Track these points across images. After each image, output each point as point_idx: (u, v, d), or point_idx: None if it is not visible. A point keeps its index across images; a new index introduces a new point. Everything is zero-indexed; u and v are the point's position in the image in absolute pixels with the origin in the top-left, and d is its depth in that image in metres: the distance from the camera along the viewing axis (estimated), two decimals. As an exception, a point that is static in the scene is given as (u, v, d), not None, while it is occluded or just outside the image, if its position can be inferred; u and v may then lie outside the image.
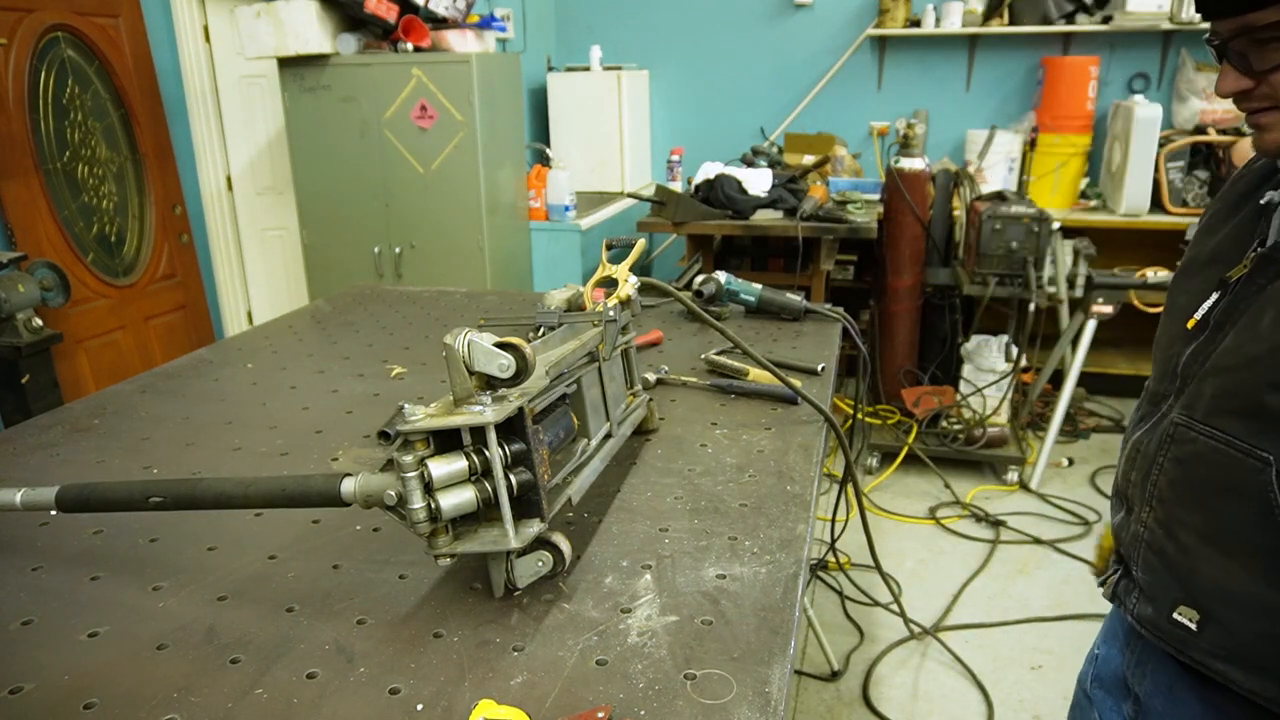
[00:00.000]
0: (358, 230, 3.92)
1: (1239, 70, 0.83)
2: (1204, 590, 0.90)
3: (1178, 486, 0.92)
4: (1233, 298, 0.90)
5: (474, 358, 0.94)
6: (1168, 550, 0.94)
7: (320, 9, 3.54)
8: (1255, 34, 0.79)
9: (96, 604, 1.05)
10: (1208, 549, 0.88)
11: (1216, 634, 0.89)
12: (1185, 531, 0.91)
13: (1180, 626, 0.92)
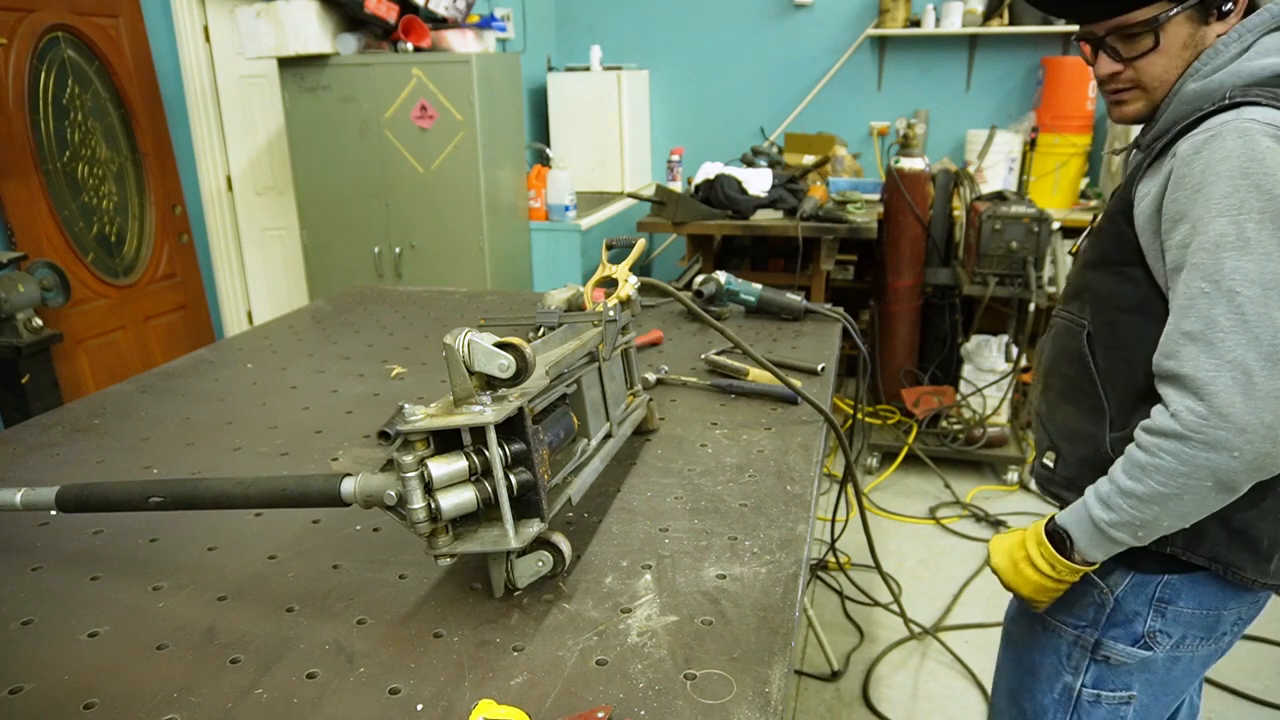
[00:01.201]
0: (358, 230, 3.92)
1: (1112, 59, 1.05)
2: (1057, 433, 1.19)
3: (1048, 361, 1.20)
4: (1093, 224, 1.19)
5: (474, 358, 0.94)
6: (1043, 411, 1.23)
7: (320, 9, 3.54)
8: (1126, 30, 1.01)
9: (96, 604, 1.05)
10: (1060, 401, 1.17)
11: (1063, 467, 1.18)
12: (1050, 393, 1.20)
13: (1046, 468, 1.21)
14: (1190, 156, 0.92)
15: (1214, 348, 0.86)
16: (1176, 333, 0.90)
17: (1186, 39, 1.01)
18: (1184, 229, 0.92)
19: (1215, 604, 1.10)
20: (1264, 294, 0.85)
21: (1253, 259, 0.86)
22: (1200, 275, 0.88)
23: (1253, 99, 0.92)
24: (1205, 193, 0.89)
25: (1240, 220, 0.86)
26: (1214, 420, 0.86)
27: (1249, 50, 0.99)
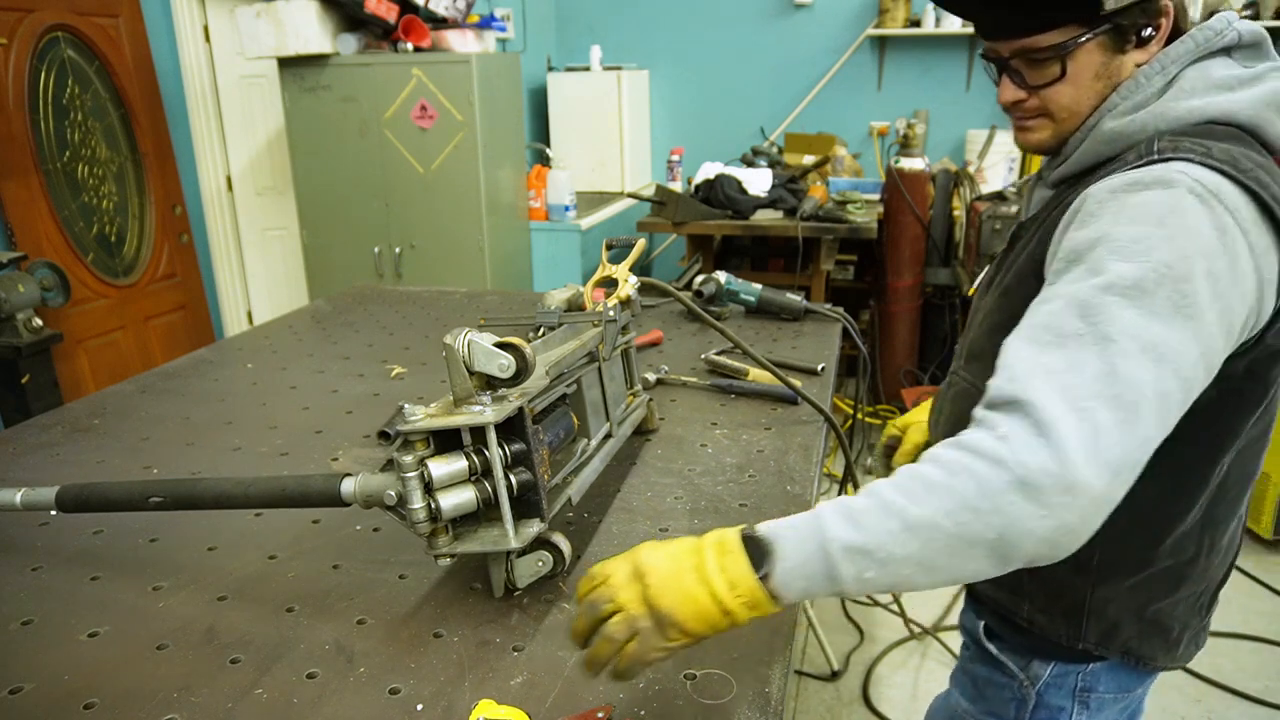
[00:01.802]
0: (358, 230, 3.92)
1: (1016, 84, 0.94)
2: None
3: (947, 426, 1.07)
4: (996, 268, 1.05)
5: (474, 358, 0.94)
6: None
7: (320, 9, 3.54)
8: (1031, 54, 0.91)
9: (96, 604, 1.05)
10: None
11: None
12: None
13: None
14: (1104, 197, 0.81)
15: (1071, 392, 0.69)
16: (1034, 363, 0.72)
17: (1099, 68, 0.90)
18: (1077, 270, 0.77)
19: (1130, 685, 1.03)
20: (1141, 353, 0.70)
21: (1141, 314, 0.71)
22: (1078, 312, 0.73)
23: (1184, 154, 0.81)
24: (1112, 235, 0.76)
25: (1142, 268, 0.73)
26: (1047, 462, 0.66)
27: (1172, 85, 0.89)
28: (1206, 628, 1.05)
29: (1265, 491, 2.98)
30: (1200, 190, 0.77)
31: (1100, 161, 0.91)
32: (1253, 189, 0.78)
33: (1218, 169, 0.79)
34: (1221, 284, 0.75)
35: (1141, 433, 0.69)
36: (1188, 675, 2.47)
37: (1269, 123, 0.87)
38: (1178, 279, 0.73)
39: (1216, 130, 0.85)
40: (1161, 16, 0.88)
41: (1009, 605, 1.01)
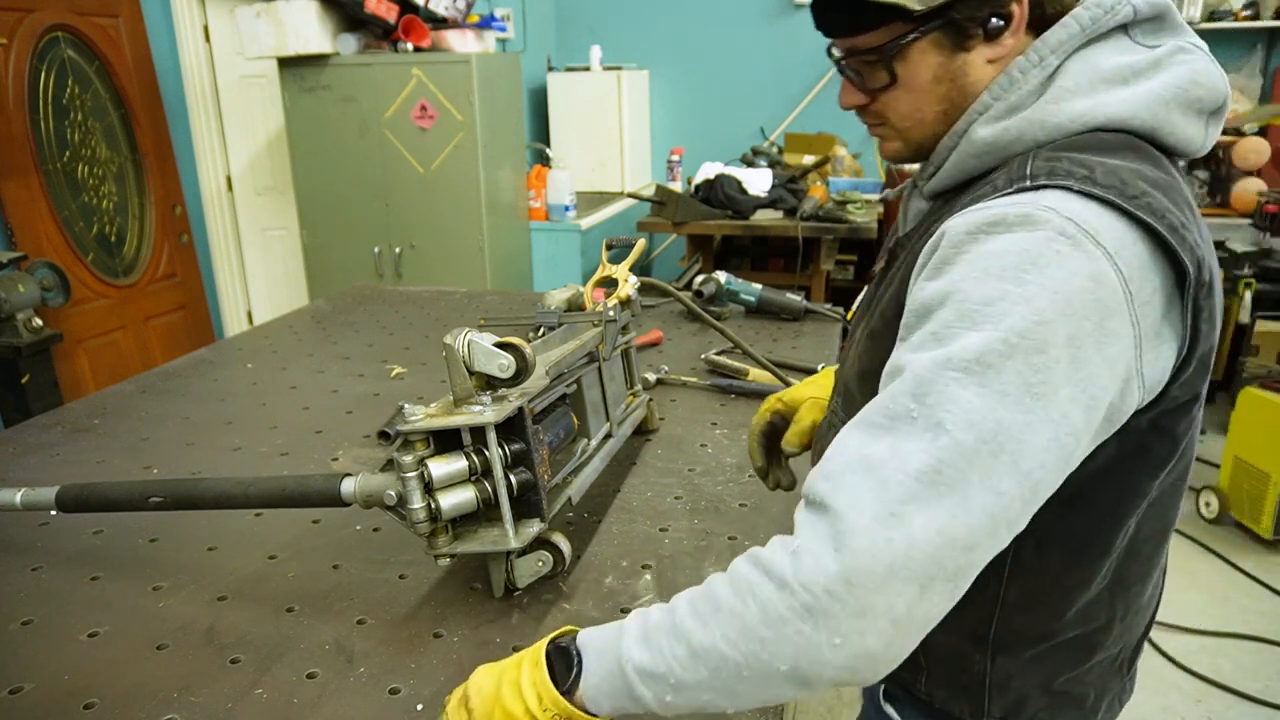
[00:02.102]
0: (358, 230, 3.92)
1: (855, 87, 0.82)
2: None
3: None
4: (874, 289, 0.91)
5: (474, 358, 0.94)
6: None
7: (320, 9, 3.54)
8: (861, 56, 0.79)
9: (96, 604, 1.05)
10: None
11: None
12: None
13: None
14: (961, 239, 0.66)
15: (886, 490, 0.60)
16: (856, 454, 0.63)
17: (937, 70, 0.76)
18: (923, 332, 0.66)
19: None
20: (976, 446, 0.59)
21: (982, 394, 0.60)
22: (913, 390, 0.62)
23: (1061, 180, 0.66)
24: (963, 290, 0.64)
25: (989, 339, 0.61)
26: (834, 583, 0.58)
27: (1053, 80, 0.73)
28: (1131, 685, 0.95)
29: (1265, 491, 2.98)
30: (1072, 231, 0.63)
31: (975, 176, 0.77)
32: (1144, 220, 0.65)
33: (1099, 198, 0.65)
34: (1085, 350, 0.62)
35: (965, 539, 0.59)
36: (1188, 675, 2.47)
37: (1168, 125, 0.72)
38: (1031, 350, 0.61)
39: (1106, 140, 0.71)
40: (1012, 4, 0.73)
41: (905, 677, 0.88)
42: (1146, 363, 0.67)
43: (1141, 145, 0.72)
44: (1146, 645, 2.58)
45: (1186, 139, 0.73)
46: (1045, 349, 0.61)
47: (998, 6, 0.73)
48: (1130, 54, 0.73)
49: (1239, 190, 3.95)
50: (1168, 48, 0.74)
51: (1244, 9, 4.14)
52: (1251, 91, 4.28)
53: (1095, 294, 0.62)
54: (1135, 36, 0.74)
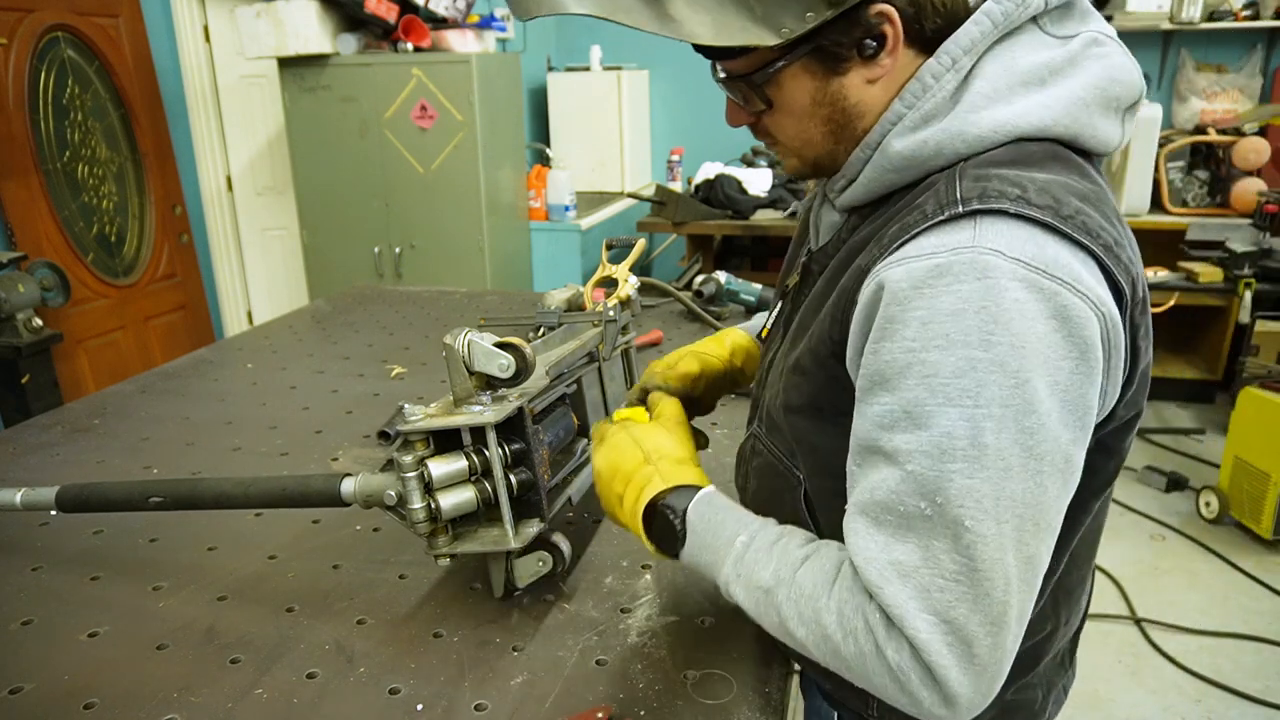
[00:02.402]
0: (358, 230, 3.92)
1: (738, 108, 0.80)
2: None
3: (756, 497, 0.91)
4: (790, 306, 0.89)
5: (474, 358, 0.94)
6: None
7: (320, 9, 3.54)
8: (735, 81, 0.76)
9: (96, 604, 1.05)
10: None
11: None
12: None
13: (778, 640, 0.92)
14: (907, 295, 0.63)
15: (930, 597, 0.61)
16: (884, 560, 0.64)
17: (814, 94, 0.73)
18: (889, 403, 0.64)
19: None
20: (999, 530, 0.60)
21: (988, 478, 0.60)
22: (919, 490, 0.62)
23: (994, 202, 0.63)
24: (928, 361, 0.62)
25: (976, 417, 0.60)
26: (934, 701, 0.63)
27: (969, 84, 0.69)
28: (1073, 673, 0.96)
29: (1265, 491, 2.98)
30: (1023, 274, 0.61)
31: (894, 190, 0.74)
32: (1081, 242, 0.63)
33: (1036, 220, 0.63)
34: (1072, 391, 0.62)
35: (1014, 617, 0.63)
36: (1188, 675, 2.47)
37: (1090, 128, 0.70)
38: (1019, 415, 0.60)
39: (1031, 151, 0.68)
40: (883, 24, 0.68)
41: (855, 703, 0.89)
42: (1114, 378, 0.67)
43: (1064, 153, 0.70)
44: (1146, 645, 2.59)
45: (1105, 139, 0.72)
46: (1033, 408, 0.61)
47: (868, 30, 0.69)
48: (1044, 49, 0.70)
49: (1239, 190, 3.95)
50: (1081, 40, 0.71)
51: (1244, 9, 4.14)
52: (1251, 91, 4.28)
53: (1064, 333, 0.61)
54: (1045, 27, 0.71)
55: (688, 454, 0.85)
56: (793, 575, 0.71)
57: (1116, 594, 2.86)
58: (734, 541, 0.75)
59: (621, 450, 0.84)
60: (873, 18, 0.68)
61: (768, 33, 0.67)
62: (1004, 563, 0.61)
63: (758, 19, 0.66)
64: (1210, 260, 3.48)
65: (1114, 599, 2.84)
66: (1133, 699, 2.40)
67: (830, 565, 0.70)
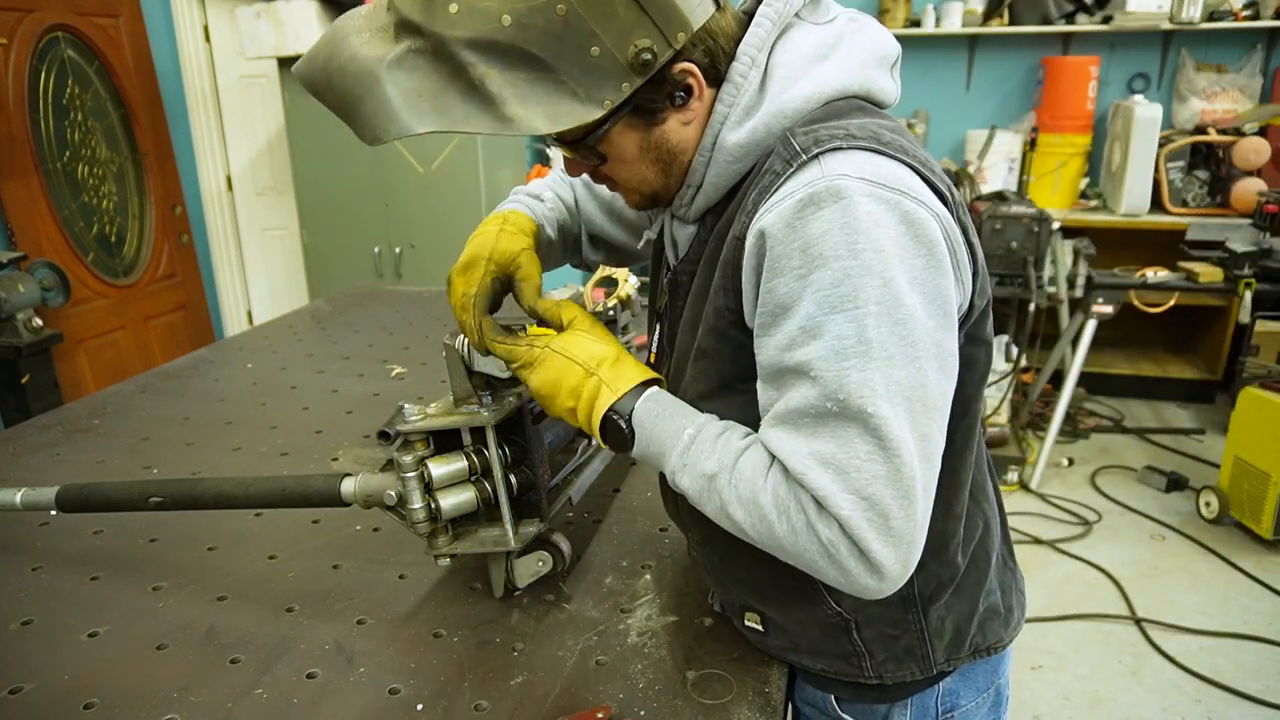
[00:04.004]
0: (358, 230, 3.92)
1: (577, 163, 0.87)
2: (752, 593, 0.93)
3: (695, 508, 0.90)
4: (668, 326, 0.96)
5: (474, 358, 0.94)
6: (713, 564, 0.96)
7: (320, 9, 3.54)
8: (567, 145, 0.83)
9: (96, 604, 1.05)
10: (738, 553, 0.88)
11: (778, 633, 0.93)
12: (717, 543, 0.91)
13: (755, 631, 0.95)
14: (784, 233, 0.72)
15: (848, 478, 0.70)
16: (804, 452, 0.71)
17: (640, 144, 0.82)
18: (789, 327, 0.72)
19: (990, 678, 0.98)
20: (894, 412, 0.69)
21: (877, 368, 0.69)
22: (824, 393, 0.70)
23: (828, 144, 0.74)
24: (813, 280, 0.71)
25: (858, 317, 0.69)
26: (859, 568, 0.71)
27: (769, 74, 0.80)
28: (1020, 575, 1.03)
29: (1265, 491, 2.98)
30: (870, 189, 0.71)
31: (739, 180, 0.83)
32: (903, 161, 0.74)
33: (865, 148, 0.74)
34: (929, 283, 0.72)
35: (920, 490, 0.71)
36: (1188, 675, 2.47)
37: (875, 82, 0.83)
38: (891, 309, 0.70)
39: (839, 107, 0.80)
40: (687, 78, 0.78)
41: (847, 671, 0.92)
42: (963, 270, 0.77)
43: (864, 105, 0.81)
44: (1146, 645, 2.59)
45: (886, 91, 0.84)
46: (900, 302, 0.70)
47: (675, 85, 0.78)
48: (815, 32, 0.82)
49: (1239, 190, 3.95)
50: (841, 20, 0.84)
51: (1244, 9, 4.14)
52: (1251, 91, 4.28)
53: (913, 234, 0.71)
54: (807, 19, 0.83)
55: (618, 350, 0.88)
56: (734, 463, 0.77)
57: (1116, 594, 2.86)
58: (681, 434, 0.81)
59: (559, 368, 0.86)
60: (677, 75, 0.78)
61: (593, 108, 0.75)
62: (905, 440, 0.70)
63: (582, 99, 0.75)
64: (1210, 260, 3.48)
65: (1114, 599, 2.84)
66: (1133, 699, 2.40)
67: (766, 454, 0.76)
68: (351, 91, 0.73)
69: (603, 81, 0.74)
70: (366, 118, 0.72)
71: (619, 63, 0.74)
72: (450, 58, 0.73)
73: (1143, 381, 4.42)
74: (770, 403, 0.76)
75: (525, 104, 0.74)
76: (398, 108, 0.72)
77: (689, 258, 0.90)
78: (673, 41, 0.75)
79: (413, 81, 0.73)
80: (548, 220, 1.07)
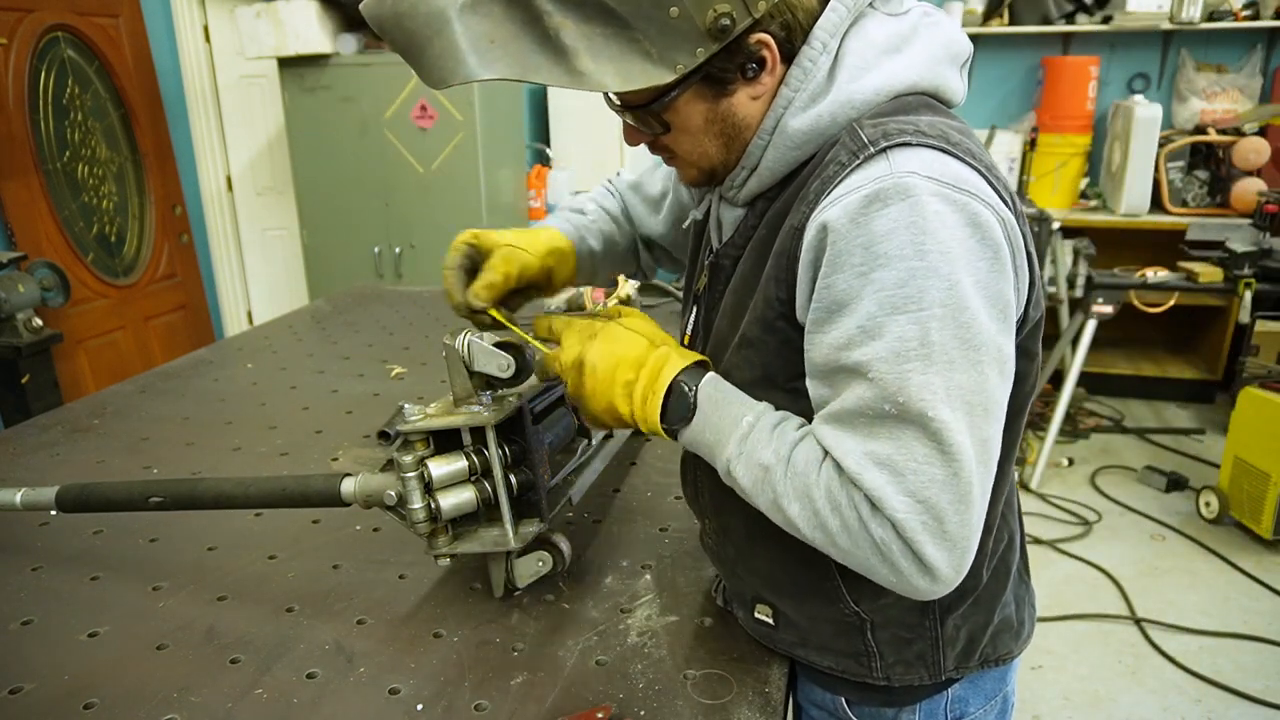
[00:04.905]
0: (358, 230, 3.92)
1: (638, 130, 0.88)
2: (765, 585, 0.93)
3: (717, 495, 0.92)
4: (705, 310, 0.94)
5: (474, 358, 0.94)
6: (727, 554, 0.96)
7: (320, 9, 3.54)
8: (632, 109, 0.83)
9: (96, 604, 1.05)
10: (754, 544, 0.91)
11: (789, 627, 0.93)
12: (734, 533, 0.93)
13: (764, 624, 0.95)
14: (847, 229, 0.70)
15: (904, 480, 0.69)
16: (859, 452, 0.71)
17: (706, 115, 0.80)
18: (847, 325, 0.71)
19: (998, 685, 0.98)
20: (954, 416, 0.68)
21: (938, 371, 0.68)
22: (883, 395, 0.69)
23: (896, 139, 0.73)
24: (875, 279, 0.69)
25: (922, 320, 0.68)
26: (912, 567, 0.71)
27: (839, 61, 0.78)
28: (1032, 592, 1.02)
29: (1265, 491, 2.98)
30: (936, 188, 0.70)
31: (798, 166, 0.81)
32: (969, 163, 0.73)
33: (936, 147, 0.73)
34: (993, 287, 0.71)
35: (978, 495, 0.70)
36: (1188, 675, 2.47)
37: (946, 80, 0.82)
38: (955, 312, 0.69)
39: (908, 103, 0.79)
40: (762, 50, 0.76)
41: (855, 670, 0.92)
42: (1022, 278, 0.76)
43: (933, 102, 0.80)
44: (1146, 645, 2.59)
45: (956, 90, 0.83)
46: (965, 305, 0.69)
47: (750, 56, 0.77)
48: (889, 24, 0.80)
49: (1239, 190, 3.95)
50: (914, 13, 0.82)
51: (1244, 9, 4.14)
52: (1251, 91, 4.27)
53: (979, 236, 0.70)
54: (881, 9, 0.81)
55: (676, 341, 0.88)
56: (789, 454, 0.76)
57: (1116, 594, 2.86)
58: (740, 421, 0.79)
59: (625, 340, 0.85)
60: (753, 45, 0.76)
61: (665, 71, 0.73)
62: (965, 445, 0.69)
63: (655, 60, 0.73)
64: (1210, 260, 3.48)
65: (1114, 599, 2.84)
66: (1133, 699, 2.40)
67: (819, 448, 0.75)
68: (420, 32, 0.71)
69: (679, 44, 0.73)
70: (433, 59, 0.71)
71: (696, 26, 0.72)
72: (527, 5, 0.71)
73: (1143, 381, 4.42)
74: (824, 400, 0.75)
75: (598, 59, 0.72)
76: (467, 51, 0.70)
77: (734, 242, 0.88)
78: (753, 10, 0.73)
79: (485, 26, 0.71)
80: (589, 232, 1.08)
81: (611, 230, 1.11)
